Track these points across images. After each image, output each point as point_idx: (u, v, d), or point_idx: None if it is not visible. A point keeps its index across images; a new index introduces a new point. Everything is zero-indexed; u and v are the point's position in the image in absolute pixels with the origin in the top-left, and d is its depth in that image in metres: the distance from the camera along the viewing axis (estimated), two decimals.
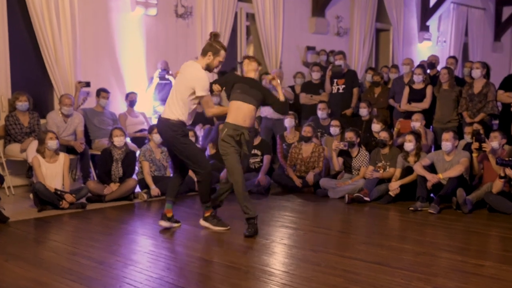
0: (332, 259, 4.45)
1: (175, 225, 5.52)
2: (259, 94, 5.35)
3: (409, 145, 6.70)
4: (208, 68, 5.24)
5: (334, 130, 7.60)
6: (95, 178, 7.37)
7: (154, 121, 8.34)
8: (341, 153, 7.29)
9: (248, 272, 4.11)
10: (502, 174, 5.89)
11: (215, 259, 4.44)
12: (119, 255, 4.64)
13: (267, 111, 8.69)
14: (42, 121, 7.36)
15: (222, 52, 5.21)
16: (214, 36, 5.28)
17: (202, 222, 5.46)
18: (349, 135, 7.13)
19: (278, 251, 4.71)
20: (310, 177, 7.30)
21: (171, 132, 5.15)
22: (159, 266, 4.33)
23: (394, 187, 6.61)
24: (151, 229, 5.62)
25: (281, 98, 5.42)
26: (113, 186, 6.66)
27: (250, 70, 5.47)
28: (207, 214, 5.44)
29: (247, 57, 5.54)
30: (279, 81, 5.53)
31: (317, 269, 4.18)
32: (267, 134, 8.51)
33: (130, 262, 4.42)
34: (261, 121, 8.77)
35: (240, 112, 5.27)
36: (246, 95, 5.29)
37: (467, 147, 6.92)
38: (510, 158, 5.90)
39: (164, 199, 6.77)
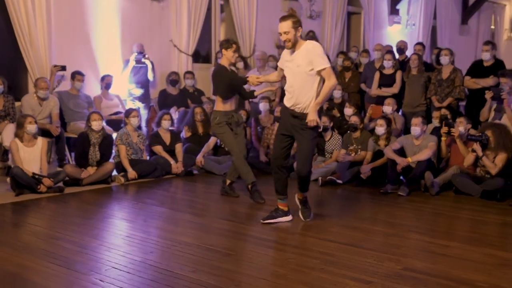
0: (308, 241, 4.66)
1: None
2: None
3: (380, 130, 6.93)
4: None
5: None
6: (70, 161, 7.44)
7: (129, 104, 8.40)
8: None
9: (228, 255, 4.28)
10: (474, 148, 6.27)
11: (195, 242, 4.58)
12: (101, 239, 4.76)
13: None
14: (17, 104, 7.34)
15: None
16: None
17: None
18: (323, 119, 7.31)
19: (256, 234, 4.88)
20: None
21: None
22: (141, 249, 4.46)
23: (365, 170, 6.85)
24: (130, 213, 5.75)
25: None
26: (91, 170, 6.73)
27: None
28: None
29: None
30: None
31: (295, 251, 4.38)
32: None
33: (113, 246, 4.54)
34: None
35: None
36: None
37: (435, 131, 7.19)
38: (479, 134, 6.21)
39: (141, 182, 6.97)
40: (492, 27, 17.47)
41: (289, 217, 5.25)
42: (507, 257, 4.27)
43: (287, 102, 5.01)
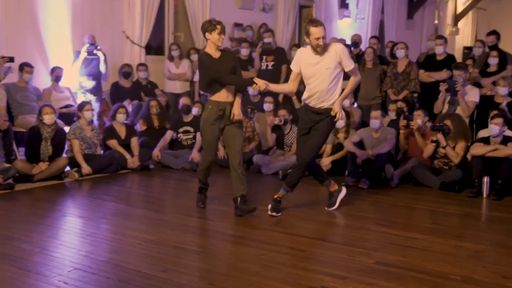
0: (276, 236, 4.59)
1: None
2: None
3: (340, 122, 6.91)
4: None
5: (268, 106, 7.69)
6: (18, 157, 7.09)
7: (80, 97, 8.11)
8: (273, 129, 7.44)
9: (197, 252, 4.16)
10: (434, 139, 6.36)
11: (160, 240, 4.43)
12: (60, 238, 4.55)
13: None
14: None
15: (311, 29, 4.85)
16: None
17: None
18: (282, 112, 7.27)
19: (222, 230, 4.78)
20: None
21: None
22: (104, 248, 4.28)
23: (325, 162, 6.84)
24: (87, 210, 5.51)
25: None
26: (43, 166, 6.43)
27: None
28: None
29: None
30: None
31: (265, 247, 4.29)
32: None
33: (73, 245, 4.34)
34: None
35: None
36: None
37: (392, 123, 7.28)
38: (441, 124, 6.34)
39: (96, 177, 6.73)
40: (436, 21, 17.92)
41: (344, 191, 5.46)
42: (474, 249, 4.33)
43: (312, 102, 5.07)
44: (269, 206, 5.23)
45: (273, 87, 5.25)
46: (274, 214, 5.17)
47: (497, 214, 5.53)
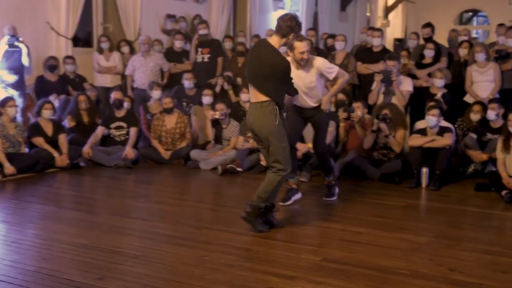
0: (218, 236, 4.38)
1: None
2: None
3: None
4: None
5: (207, 99, 7.46)
6: None
7: (1, 92, 7.58)
8: (212, 123, 7.23)
9: (135, 257, 3.88)
10: (374, 128, 6.37)
11: (95, 244, 4.13)
12: None
13: (138, 82, 8.33)
14: None
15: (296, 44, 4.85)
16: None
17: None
18: (220, 106, 7.07)
19: (160, 231, 4.51)
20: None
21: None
22: (31, 256, 3.95)
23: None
24: (11, 214, 5.13)
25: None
26: None
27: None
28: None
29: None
30: None
31: (208, 247, 4.08)
32: (138, 105, 8.07)
33: None
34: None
35: None
36: None
37: (330, 115, 7.19)
38: (384, 113, 6.35)
39: (21, 177, 6.29)
40: (368, 14, 18.19)
41: (300, 195, 5.46)
42: (418, 241, 4.29)
43: (304, 103, 5.19)
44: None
45: None
46: (329, 199, 5.50)
47: (436, 204, 5.56)
